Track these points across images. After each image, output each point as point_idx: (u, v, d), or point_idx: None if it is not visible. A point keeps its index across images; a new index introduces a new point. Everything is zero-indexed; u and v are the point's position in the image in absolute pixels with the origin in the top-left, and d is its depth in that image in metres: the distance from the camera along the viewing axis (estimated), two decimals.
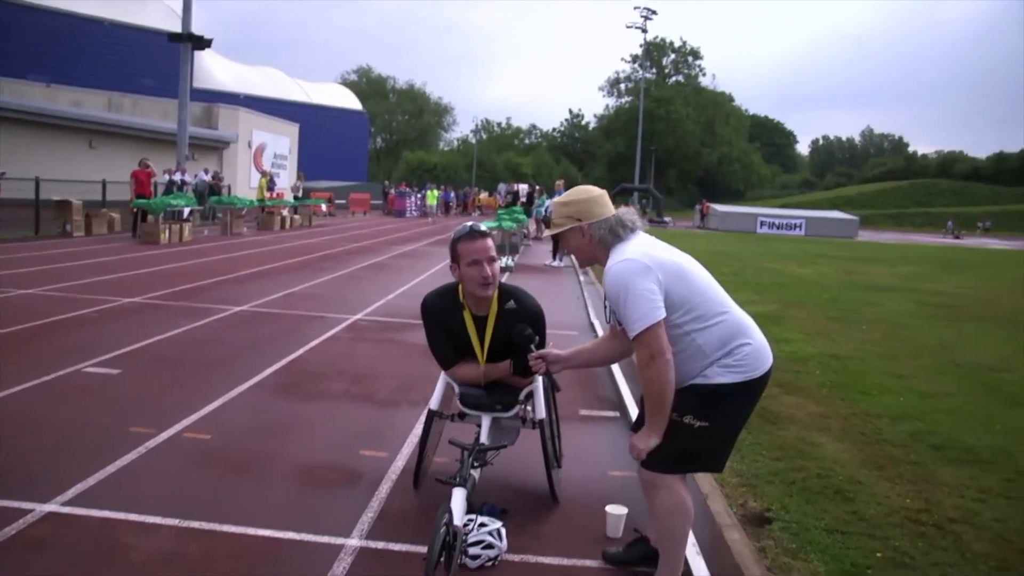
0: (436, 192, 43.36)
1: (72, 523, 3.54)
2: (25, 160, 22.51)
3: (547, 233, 3.43)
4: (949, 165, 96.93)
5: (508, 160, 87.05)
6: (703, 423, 2.91)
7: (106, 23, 43.59)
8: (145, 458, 4.39)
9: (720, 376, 2.93)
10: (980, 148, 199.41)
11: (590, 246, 3.10)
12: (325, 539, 3.51)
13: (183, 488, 4.02)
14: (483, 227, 3.74)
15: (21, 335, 7.37)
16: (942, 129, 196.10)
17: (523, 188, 32.19)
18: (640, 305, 2.84)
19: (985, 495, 4.40)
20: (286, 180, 40.40)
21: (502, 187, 43.61)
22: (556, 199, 3.32)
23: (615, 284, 2.92)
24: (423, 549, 3.32)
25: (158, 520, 3.59)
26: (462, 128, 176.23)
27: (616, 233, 3.04)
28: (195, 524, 3.58)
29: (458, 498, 3.03)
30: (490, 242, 3.71)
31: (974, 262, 26.58)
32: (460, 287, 3.78)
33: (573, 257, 3.29)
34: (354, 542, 3.50)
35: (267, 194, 27.94)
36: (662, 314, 2.84)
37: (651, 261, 2.92)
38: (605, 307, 3.31)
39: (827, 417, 5.85)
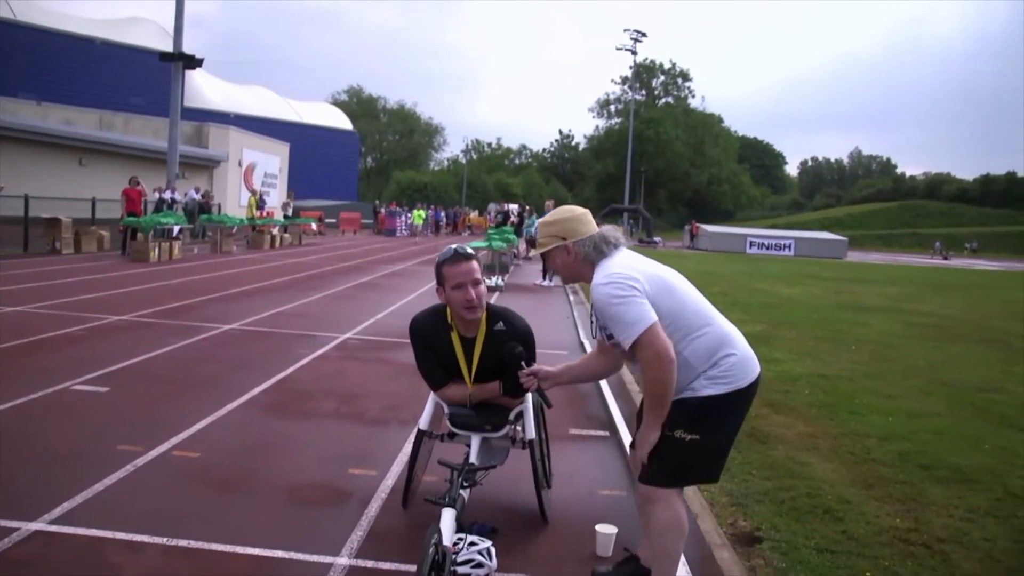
0: (422, 212, 43.15)
1: (60, 542, 3.51)
2: (15, 177, 22.44)
3: (533, 253, 3.46)
4: (937, 187, 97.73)
5: (498, 180, 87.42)
6: (694, 436, 2.94)
7: (98, 42, 43.74)
8: (133, 476, 4.36)
9: (707, 389, 2.96)
10: (967, 170, 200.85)
11: (575, 263, 3.16)
12: (314, 558, 3.49)
13: (171, 506, 3.99)
14: (468, 249, 3.73)
15: (10, 352, 7.33)
16: (929, 151, 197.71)
17: (514, 208, 32.24)
18: (631, 311, 2.89)
19: (974, 515, 4.41)
20: (276, 199, 40.39)
21: (492, 207, 43.60)
22: (541, 219, 3.37)
23: (603, 297, 2.98)
24: (412, 568, 3.32)
25: (146, 539, 3.57)
26: (452, 148, 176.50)
27: (600, 250, 3.10)
28: (183, 543, 3.55)
29: (447, 518, 3.03)
30: (475, 264, 3.68)
31: (961, 283, 26.73)
32: (448, 308, 3.78)
33: (558, 275, 3.34)
34: (343, 561, 3.48)
35: (257, 213, 27.93)
36: (654, 317, 2.88)
37: (636, 273, 2.99)
38: (592, 323, 3.34)
39: (816, 437, 5.86)
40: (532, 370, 3.45)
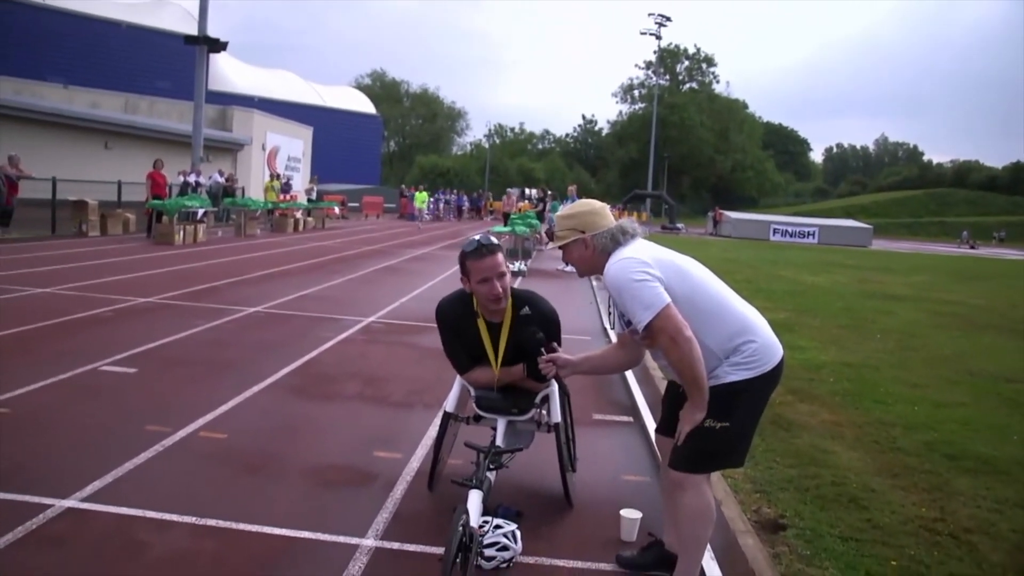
0: (425, 195, 38.66)
1: (91, 519, 3.56)
2: (42, 160, 22.64)
3: (550, 246, 3.46)
4: (964, 174, 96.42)
5: (521, 165, 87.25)
6: (724, 423, 2.94)
7: (123, 26, 44.00)
8: (161, 456, 4.41)
9: (731, 375, 2.96)
10: (996, 157, 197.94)
11: (593, 256, 3.18)
12: (340, 539, 3.52)
13: (199, 486, 4.04)
14: (493, 239, 3.69)
15: (39, 333, 7.42)
16: (958, 138, 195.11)
17: (534, 193, 32.13)
18: (644, 294, 2.90)
19: (1002, 505, 4.38)
20: (299, 182, 40.53)
21: (514, 191, 42.91)
22: (559, 212, 3.37)
23: (615, 280, 3.00)
24: (438, 550, 3.34)
25: (175, 518, 3.62)
26: (475, 133, 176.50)
27: (617, 240, 3.13)
28: (211, 522, 3.60)
29: (475, 500, 3.04)
30: (500, 257, 3.65)
31: (989, 272, 26.44)
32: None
33: (574, 267, 3.35)
34: (369, 542, 3.51)
35: (278, 196, 28.06)
36: (668, 299, 2.88)
37: (648, 257, 3.01)
38: (610, 313, 3.36)
39: (841, 425, 5.84)
40: (551, 357, 3.45)
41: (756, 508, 4.19)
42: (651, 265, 2.96)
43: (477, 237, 3.69)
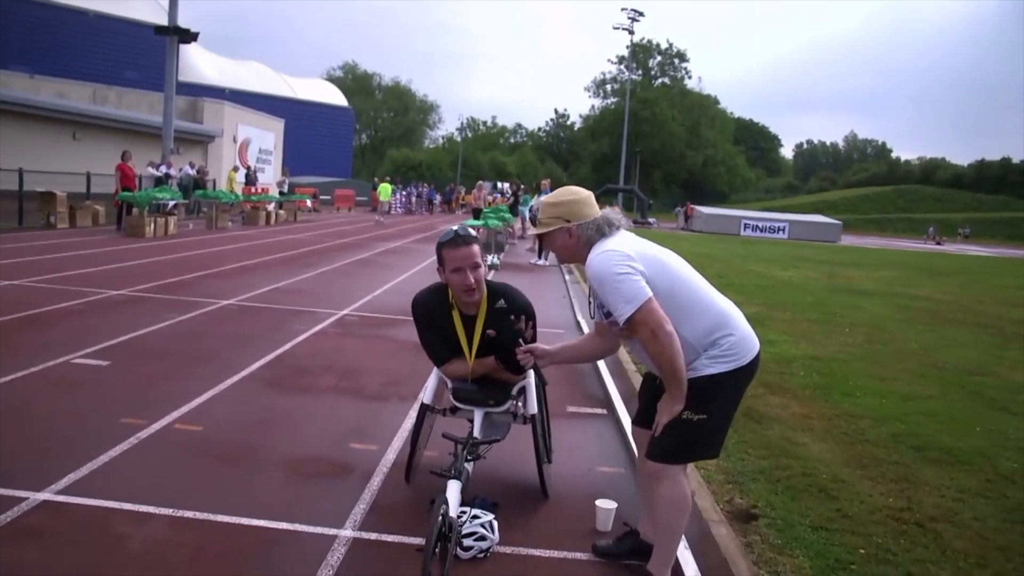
0: (390, 186, 36.05)
1: (67, 512, 3.56)
2: (8, 151, 22.32)
3: (531, 232, 3.47)
4: (931, 172, 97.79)
5: (493, 159, 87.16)
6: (702, 415, 2.99)
7: (91, 15, 43.31)
8: (137, 449, 4.40)
9: (709, 368, 3.01)
10: (962, 155, 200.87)
11: (576, 246, 3.19)
12: (318, 530, 3.54)
13: (176, 479, 4.04)
14: (471, 231, 3.73)
15: (9, 326, 7.34)
16: (924, 136, 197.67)
17: (506, 187, 31.96)
18: (626, 287, 2.93)
19: (965, 495, 4.49)
20: (271, 175, 40.23)
21: (486, 185, 42.47)
22: (543, 199, 3.38)
23: (598, 272, 3.02)
24: (415, 540, 3.39)
25: (152, 510, 3.62)
26: (448, 126, 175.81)
27: (602, 231, 3.14)
28: (189, 514, 3.60)
29: (453, 490, 3.08)
30: (475, 248, 3.68)
31: (954, 268, 26.86)
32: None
33: (554, 254, 3.37)
34: (347, 533, 3.54)
35: (246, 188, 27.89)
36: (650, 292, 2.92)
37: (632, 251, 3.03)
38: (589, 303, 3.39)
39: (811, 417, 5.94)
40: (529, 348, 3.49)
41: (729, 499, 4.26)
42: (634, 258, 2.99)
43: (455, 228, 3.72)
